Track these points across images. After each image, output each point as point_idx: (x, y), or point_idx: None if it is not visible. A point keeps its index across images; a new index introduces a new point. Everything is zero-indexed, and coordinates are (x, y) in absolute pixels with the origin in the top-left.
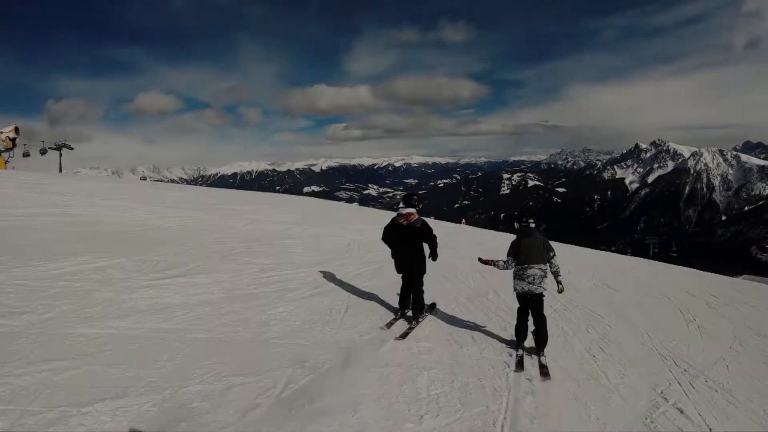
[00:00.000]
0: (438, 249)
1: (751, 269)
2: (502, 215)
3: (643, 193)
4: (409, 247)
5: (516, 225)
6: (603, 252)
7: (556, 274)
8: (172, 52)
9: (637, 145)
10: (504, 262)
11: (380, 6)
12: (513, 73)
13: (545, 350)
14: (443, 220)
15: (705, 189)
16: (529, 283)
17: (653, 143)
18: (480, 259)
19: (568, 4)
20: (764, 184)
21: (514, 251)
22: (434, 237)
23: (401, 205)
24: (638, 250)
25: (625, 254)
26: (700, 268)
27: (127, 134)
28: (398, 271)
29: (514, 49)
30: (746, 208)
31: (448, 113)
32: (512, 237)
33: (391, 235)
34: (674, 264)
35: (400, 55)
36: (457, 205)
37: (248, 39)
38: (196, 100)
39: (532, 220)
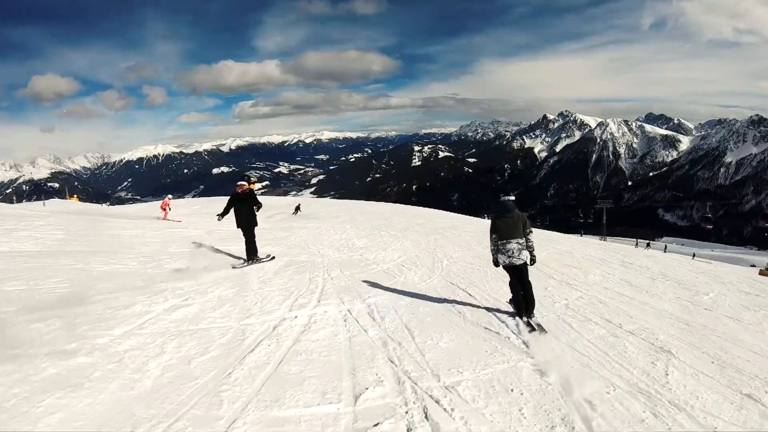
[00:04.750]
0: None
1: (662, 230)
2: (414, 186)
3: (552, 161)
4: (245, 211)
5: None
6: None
7: (530, 249)
8: (69, 30)
9: (545, 116)
10: (491, 243)
11: None
12: (424, 47)
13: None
14: (359, 193)
15: (611, 156)
16: (509, 256)
17: (561, 114)
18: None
19: None
20: (667, 152)
21: (494, 230)
22: (257, 200)
23: (239, 182)
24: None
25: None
26: (613, 231)
27: (23, 123)
28: (237, 226)
29: (426, 24)
30: (651, 174)
31: (359, 88)
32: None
33: (233, 202)
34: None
35: (310, 28)
36: (369, 179)
37: (152, 13)
38: (96, 81)
39: (510, 197)
